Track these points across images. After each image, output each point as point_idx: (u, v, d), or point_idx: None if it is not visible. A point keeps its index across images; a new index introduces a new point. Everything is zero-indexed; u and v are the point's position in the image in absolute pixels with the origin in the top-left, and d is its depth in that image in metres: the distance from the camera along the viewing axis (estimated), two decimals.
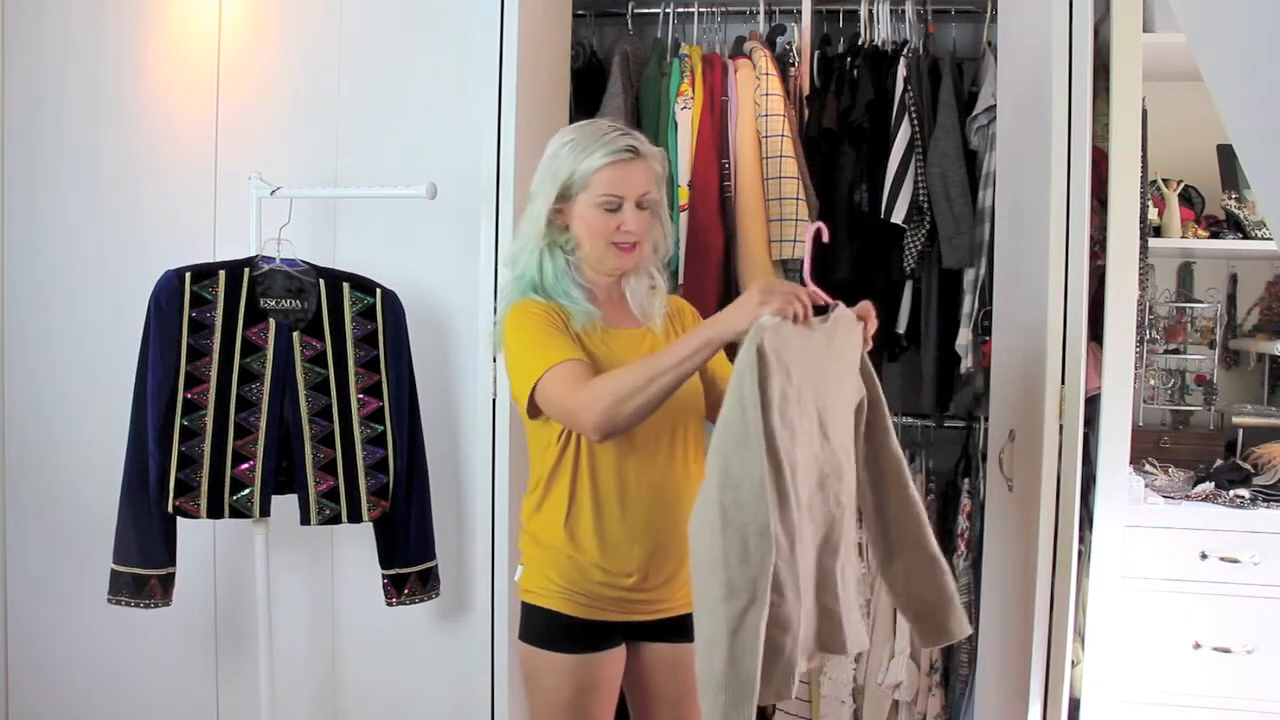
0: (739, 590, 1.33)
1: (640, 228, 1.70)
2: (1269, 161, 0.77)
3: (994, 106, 2.57)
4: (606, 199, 1.67)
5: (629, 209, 1.68)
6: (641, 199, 1.69)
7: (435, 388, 2.47)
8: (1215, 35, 0.84)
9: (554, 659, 1.70)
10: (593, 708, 1.71)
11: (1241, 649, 2.18)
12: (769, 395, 1.37)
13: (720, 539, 1.35)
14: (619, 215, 1.68)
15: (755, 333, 1.41)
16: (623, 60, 2.79)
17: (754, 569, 1.33)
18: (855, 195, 2.75)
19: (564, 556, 1.70)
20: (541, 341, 1.64)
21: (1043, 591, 2.00)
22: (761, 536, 1.33)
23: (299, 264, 2.29)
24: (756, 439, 1.35)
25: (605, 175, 1.67)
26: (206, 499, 2.19)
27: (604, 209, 1.68)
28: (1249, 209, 2.62)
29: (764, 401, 1.36)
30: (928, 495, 2.77)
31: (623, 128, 1.73)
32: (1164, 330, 2.81)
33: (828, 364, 1.53)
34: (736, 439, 1.37)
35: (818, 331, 1.50)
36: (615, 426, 1.55)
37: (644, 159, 1.70)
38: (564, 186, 1.69)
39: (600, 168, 1.66)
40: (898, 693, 2.69)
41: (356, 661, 2.60)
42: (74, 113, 2.62)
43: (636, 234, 1.70)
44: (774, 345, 1.40)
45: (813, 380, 1.47)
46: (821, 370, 1.51)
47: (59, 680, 2.69)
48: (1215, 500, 2.30)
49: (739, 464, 1.36)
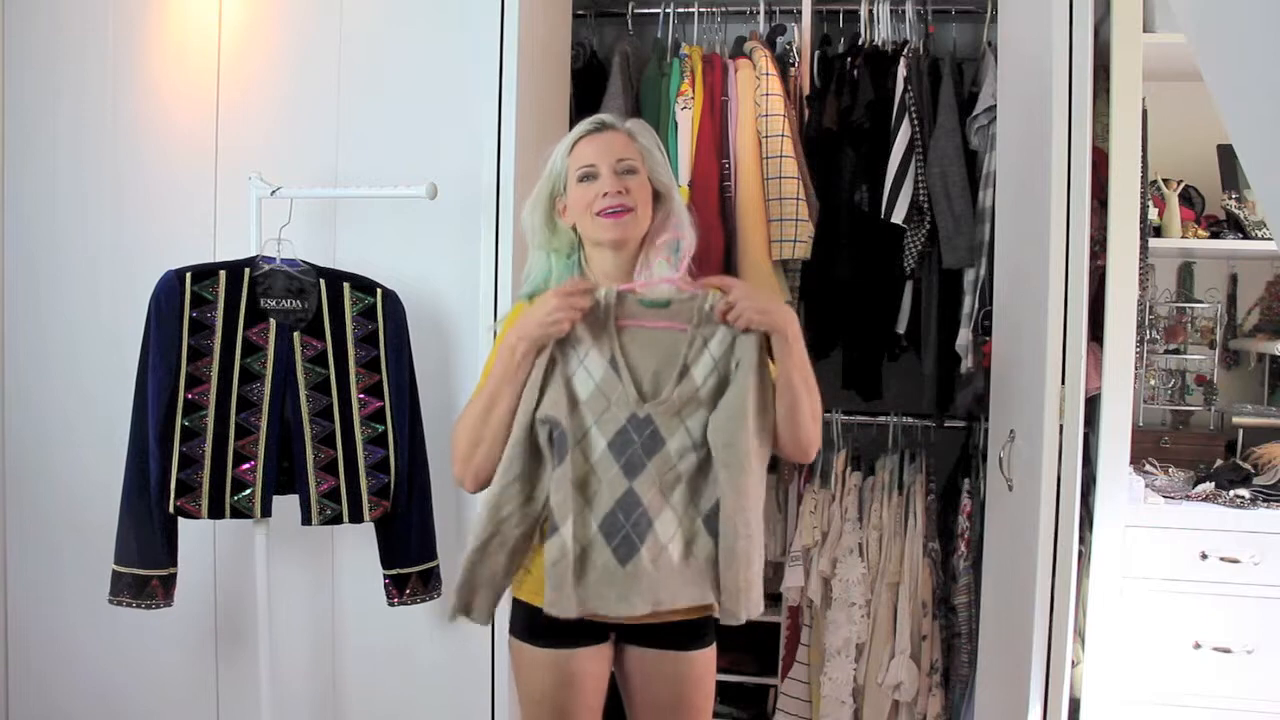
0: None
1: (619, 188, 1.69)
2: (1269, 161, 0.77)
3: (994, 106, 2.57)
4: (581, 170, 1.72)
5: (605, 174, 1.70)
6: (618, 164, 1.71)
7: (435, 388, 2.47)
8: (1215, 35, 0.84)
9: (534, 652, 1.73)
10: (571, 702, 1.72)
11: (1241, 649, 2.18)
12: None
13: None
14: (597, 184, 1.70)
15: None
16: (623, 60, 2.79)
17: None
18: (855, 195, 2.75)
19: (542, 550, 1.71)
20: (484, 374, 1.74)
21: (1043, 591, 2.00)
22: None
23: (299, 264, 2.29)
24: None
25: (578, 151, 1.73)
26: (207, 499, 2.19)
27: (581, 181, 1.72)
28: (1249, 209, 2.62)
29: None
30: (928, 495, 2.77)
31: (606, 113, 1.80)
32: (1164, 330, 2.81)
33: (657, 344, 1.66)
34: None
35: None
36: (479, 482, 1.70)
37: (614, 129, 1.75)
38: (552, 181, 1.75)
39: (572, 147, 1.74)
40: (898, 693, 2.69)
41: (357, 662, 2.60)
42: (74, 113, 2.62)
43: (621, 198, 1.69)
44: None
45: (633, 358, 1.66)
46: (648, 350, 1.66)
47: (59, 680, 2.69)
48: (1215, 500, 2.31)
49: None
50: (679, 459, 1.64)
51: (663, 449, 1.63)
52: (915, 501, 2.75)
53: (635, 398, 1.64)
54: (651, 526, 1.63)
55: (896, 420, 2.93)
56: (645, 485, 1.63)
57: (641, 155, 1.74)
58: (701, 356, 1.65)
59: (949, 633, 2.74)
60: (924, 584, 2.70)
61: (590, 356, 1.65)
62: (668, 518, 1.63)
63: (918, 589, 2.70)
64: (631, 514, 1.63)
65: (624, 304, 1.67)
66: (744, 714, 3.03)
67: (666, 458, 1.63)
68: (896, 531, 2.75)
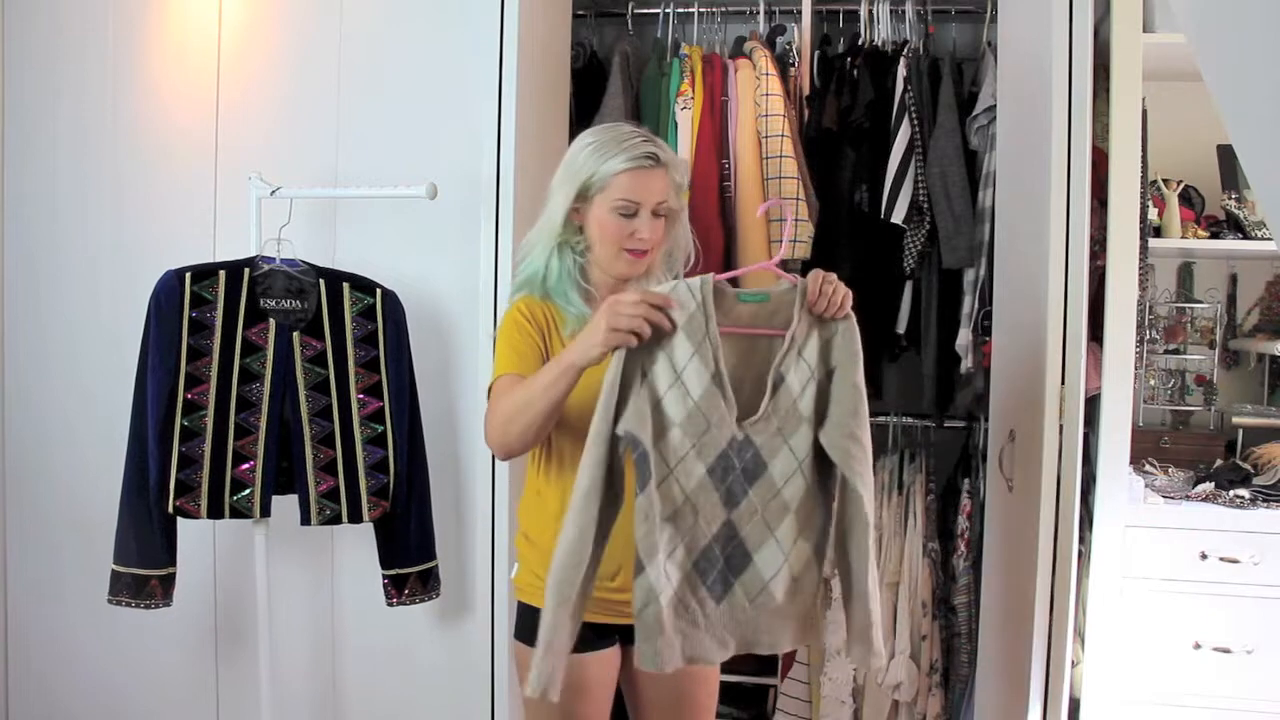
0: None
1: (654, 235, 1.69)
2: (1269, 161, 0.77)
3: (994, 106, 2.57)
4: (623, 204, 1.67)
5: (644, 216, 1.68)
6: (658, 207, 1.69)
7: (435, 388, 2.47)
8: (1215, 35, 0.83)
9: None
10: (582, 708, 1.71)
11: (1241, 649, 2.18)
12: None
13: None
14: (634, 222, 1.68)
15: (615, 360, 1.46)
16: (623, 60, 2.79)
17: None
18: (855, 195, 2.75)
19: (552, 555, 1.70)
20: (504, 352, 1.69)
21: (1043, 591, 2.00)
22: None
23: (299, 264, 2.29)
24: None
25: (624, 180, 1.67)
26: (207, 499, 2.19)
27: (619, 214, 1.68)
28: (1249, 209, 2.62)
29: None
30: (928, 495, 2.77)
31: (646, 133, 1.72)
32: (1164, 330, 2.81)
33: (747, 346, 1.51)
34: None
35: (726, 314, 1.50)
36: (508, 449, 1.63)
37: (664, 167, 1.70)
38: (583, 187, 1.70)
39: (619, 172, 1.67)
40: (898, 693, 2.69)
41: (357, 662, 2.60)
42: (74, 113, 2.62)
43: (649, 241, 1.69)
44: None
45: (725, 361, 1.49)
46: (738, 351, 1.50)
47: (59, 680, 2.69)
48: (1215, 500, 2.30)
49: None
50: (783, 483, 1.49)
51: (765, 473, 1.48)
52: (915, 501, 2.75)
53: (735, 417, 1.47)
54: (751, 561, 1.49)
55: (896, 420, 2.93)
56: (745, 515, 1.48)
57: (675, 193, 1.73)
58: (798, 363, 1.50)
59: (949, 633, 2.74)
60: (924, 584, 2.70)
61: (690, 369, 1.46)
62: (770, 551, 1.50)
63: (917, 589, 2.70)
64: (728, 547, 1.49)
65: (722, 304, 1.49)
66: (744, 714, 3.03)
67: (770, 483, 1.48)
68: (896, 531, 2.75)
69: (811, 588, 1.53)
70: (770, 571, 1.50)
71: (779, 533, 1.49)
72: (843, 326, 1.52)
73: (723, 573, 1.49)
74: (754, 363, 1.50)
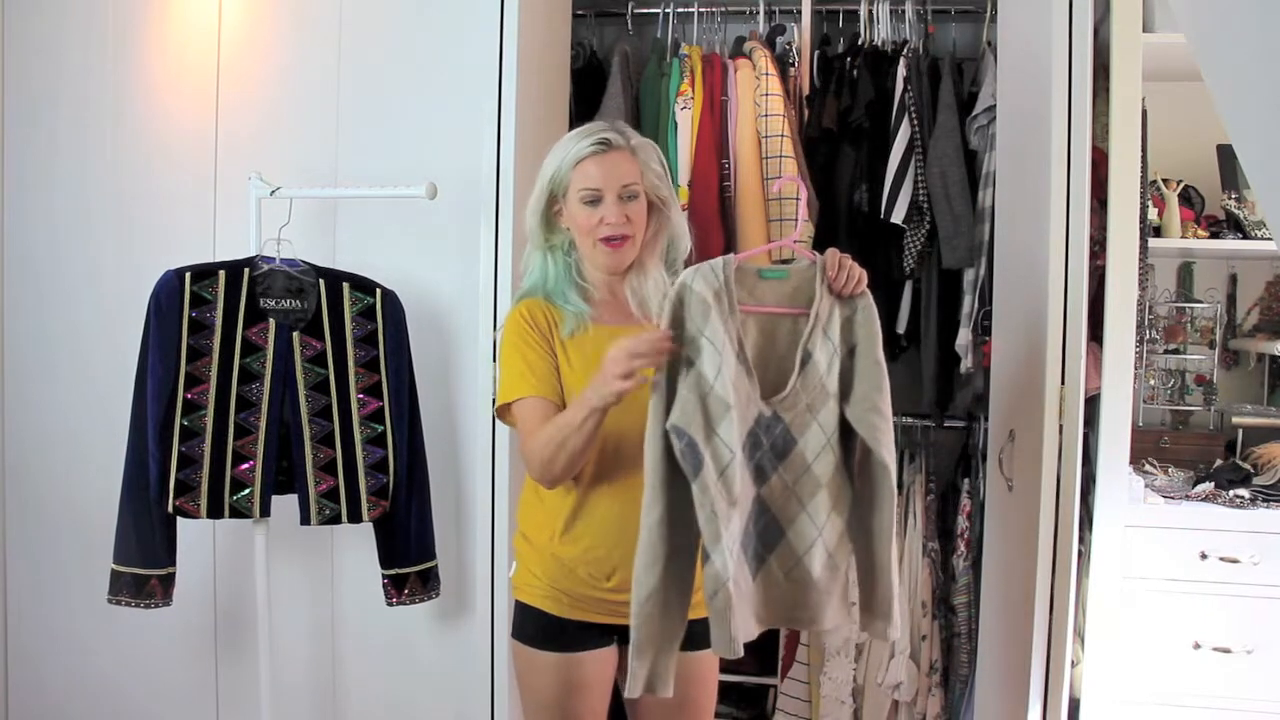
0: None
1: (622, 218, 1.68)
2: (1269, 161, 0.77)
3: (994, 106, 2.57)
4: (585, 192, 1.68)
5: (610, 201, 1.67)
6: (624, 190, 1.68)
7: (435, 388, 2.47)
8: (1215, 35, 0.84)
9: (540, 656, 1.71)
10: (578, 706, 1.71)
11: (1241, 649, 2.18)
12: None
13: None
14: (600, 209, 1.68)
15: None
16: (623, 60, 2.79)
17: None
18: (855, 195, 2.75)
19: (549, 555, 1.71)
20: (516, 363, 1.69)
21: (1043, 591, 2.00)
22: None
23: (299, 264, 2.29)
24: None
25: (583, 168, 1.68)
26: (206, 499, 2.19)
27: (584, 203, 1.69)
28: (1249, 209, 2.62)
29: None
30: (928, 495, 2.77)
31: (610, 123, 1.73)
32: (1164, 330, 2.81)
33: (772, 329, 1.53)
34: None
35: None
36: (554, 479, 1.64)
37: (621, 150, 1.69)
38: (552, 186, 1.71)
39: (578, 162, 1.68)
40: (898, 693, 2.69)
41: (356, 661, 2.60)
42: (74, 113, 2.62)
43: (619, 226, 1.68)
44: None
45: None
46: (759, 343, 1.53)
47: (59, 680, 2.69)
48: (1215, 500, 2.31)
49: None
50: (814, 458, 1.51)
51: (795, 449, 1.51)
52: (915, 501, 2.75)
53: (760, 394, 1.50)
54: (784, 536, 1.50)
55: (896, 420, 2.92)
56: (775, 490, 1.50)
57: (651, 176, 1.72)
58: (823, 340, 1.52)
59: (948, 633, 2.74)
60: (923, 584, 2.70)
61: (721, 350, 1.48)
62: (804, 525, 1.51)
63: (917, 589, 2.70)
64: (759, 522, 1.51)
65: (743, 282, 1.52)
66: (744, 714, 3.03)
67: (801, 459, 1.51)
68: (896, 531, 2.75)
69: (845, 563, 1.54)
70: (804, 546, 1.51)
71: (811, 507, 1.52)
72: (862, 304, 1.56)
73: (757, 549, 1.51)
74: (776, 341, 1.53)
